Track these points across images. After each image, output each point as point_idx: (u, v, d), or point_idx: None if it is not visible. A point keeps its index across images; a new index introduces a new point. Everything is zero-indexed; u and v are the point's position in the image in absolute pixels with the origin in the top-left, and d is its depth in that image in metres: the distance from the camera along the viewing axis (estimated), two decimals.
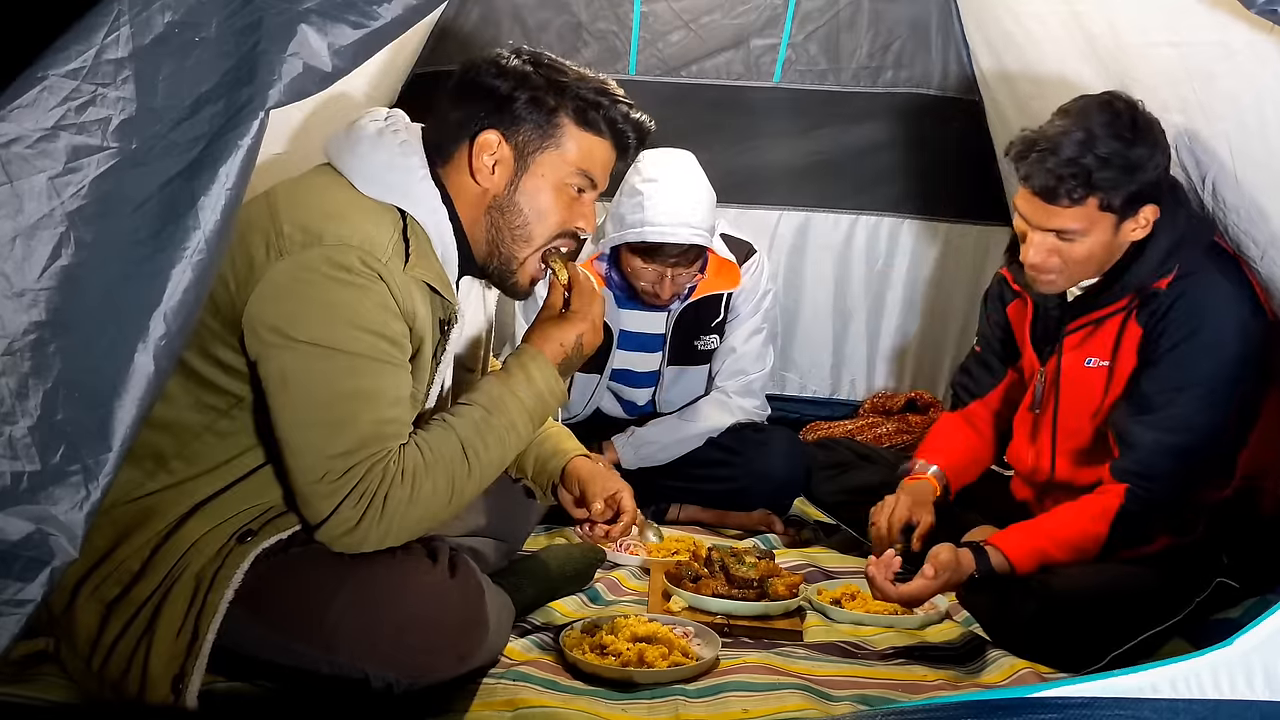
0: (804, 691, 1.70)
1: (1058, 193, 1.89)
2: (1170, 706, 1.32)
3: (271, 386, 1.51)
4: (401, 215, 1.60)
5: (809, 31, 3.18)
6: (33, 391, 1.17)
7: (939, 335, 3.38)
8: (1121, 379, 2.04)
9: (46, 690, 1.57)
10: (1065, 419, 2.15)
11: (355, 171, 1.61)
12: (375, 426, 1.51)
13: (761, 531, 2.66)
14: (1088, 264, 1.99)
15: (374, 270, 1.51)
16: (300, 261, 1.49)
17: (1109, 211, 1.92)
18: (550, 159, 1.66)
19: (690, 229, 2.53)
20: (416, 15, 1.32)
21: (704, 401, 2.81)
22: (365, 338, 1.51)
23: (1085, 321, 2.08)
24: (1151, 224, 1.96)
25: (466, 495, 1.61)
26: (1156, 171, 1.91)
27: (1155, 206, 1.94)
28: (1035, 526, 2.03)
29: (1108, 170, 1.87)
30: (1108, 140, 1.88)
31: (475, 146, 1.64)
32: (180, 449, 1.56)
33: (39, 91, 1.18)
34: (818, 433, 3.15)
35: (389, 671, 1.54)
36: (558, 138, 1.65)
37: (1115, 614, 1.88)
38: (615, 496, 1.90)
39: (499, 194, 1.66)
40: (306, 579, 1.55)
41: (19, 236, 1.17)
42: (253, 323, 1.49)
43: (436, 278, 1.61)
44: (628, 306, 2.74)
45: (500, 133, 1.64)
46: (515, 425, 1.64)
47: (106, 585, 1.52)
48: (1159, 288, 1.98)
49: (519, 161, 1.65)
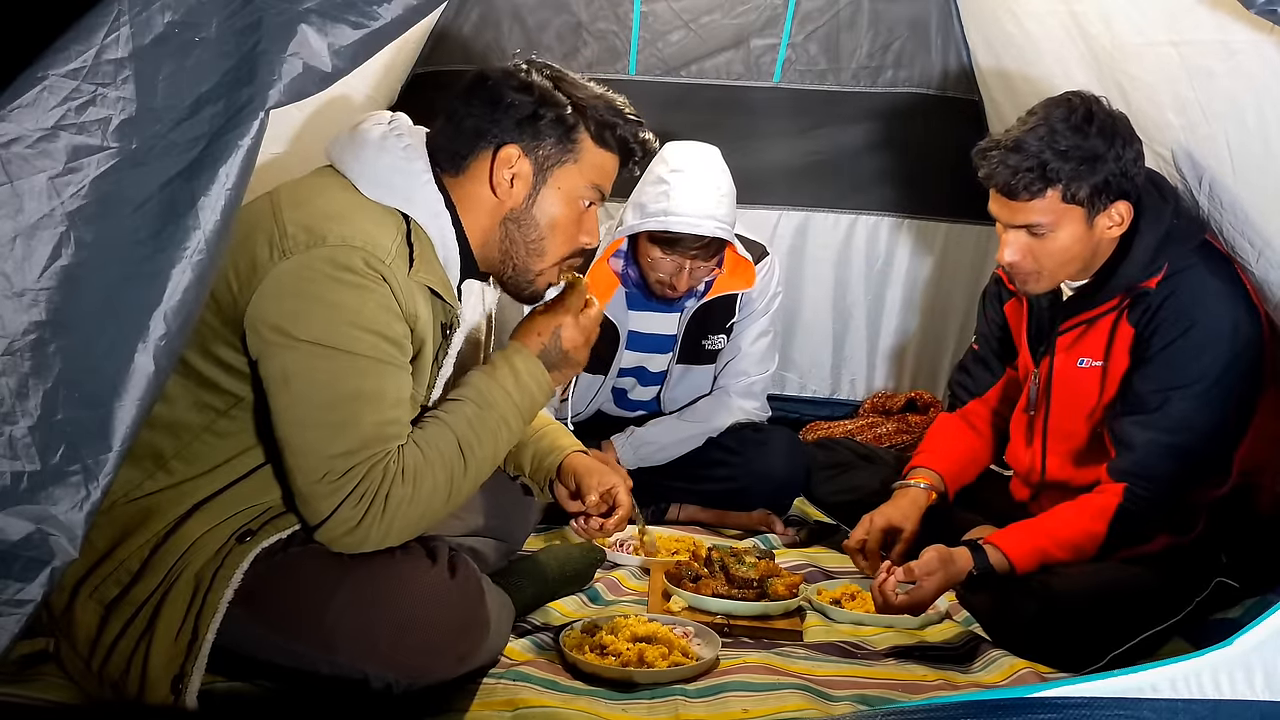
0: (804, 691, 1.70)
1: (1017, 187, 1.94)
2: (1170, 706, 1.32)
3: (273, 386, 1.51)
4: (405, 219, 1.61)
5: (809, 31, 3.18)
6: (33, 391, 1.17)
7: (939, 335, 3.38)
8: (1115, 379, 2.05)
9: (46, 690, 1.57)
10: (1058, 419, 2.16)
11: (359, 175, 1.62)
12: (377, 427, 1.52)
13: (761, 531, 2.66)
14: (1066, 261, 2.00)
15: (377, 271, 1.52)
16: (304, 261, 1.49)
17: (1075, 204, 1.94)
18: (568, 174, 1.69)
19: (715, 221, 2.53)
20: (416, 15, 1.32)
21: (704, 401, 2.81)
22: (367, 338, 1.51)
23: (1077, 321, 2.09)
24: (1127, 220, 1.98)
25: (464, 492, 1.61)
26: (1120, 164, 1.93)
27: (1128, 203, 1.96)
28: (1034, 525, 2.03)
29: (1065, 162, 1.91)
30: (1064, 134, 1.92)
31: (497, 161, 1.66)
32: (180, 449, 1.56)
33: (39, 91, 1.18)
34: (818, 433, 3.15)
35: (388, 671, 1.54)
36: (576, 154, 1.69)
37: (1115, 614, 1.88)
38: (611, 490, 1.90)
39: (516, 207, 1.69)
40: (306, 579, 1.55)
41: (19, 236, 1.17)
42: (255, 322, 1.50)
43: (439, 282, 1.62)
44: (641, 308, 2.73)
45: (521, 148, 1.66)
46: (506, 419, 1.65)
47: (106, 585, 1.52)
48: (1148, 287, 1.98)
49: (538, 176, 1.68)
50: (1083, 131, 1.92)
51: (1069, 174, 1.91)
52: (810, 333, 3.41)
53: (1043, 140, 1.92)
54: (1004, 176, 1.94)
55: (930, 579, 1.94)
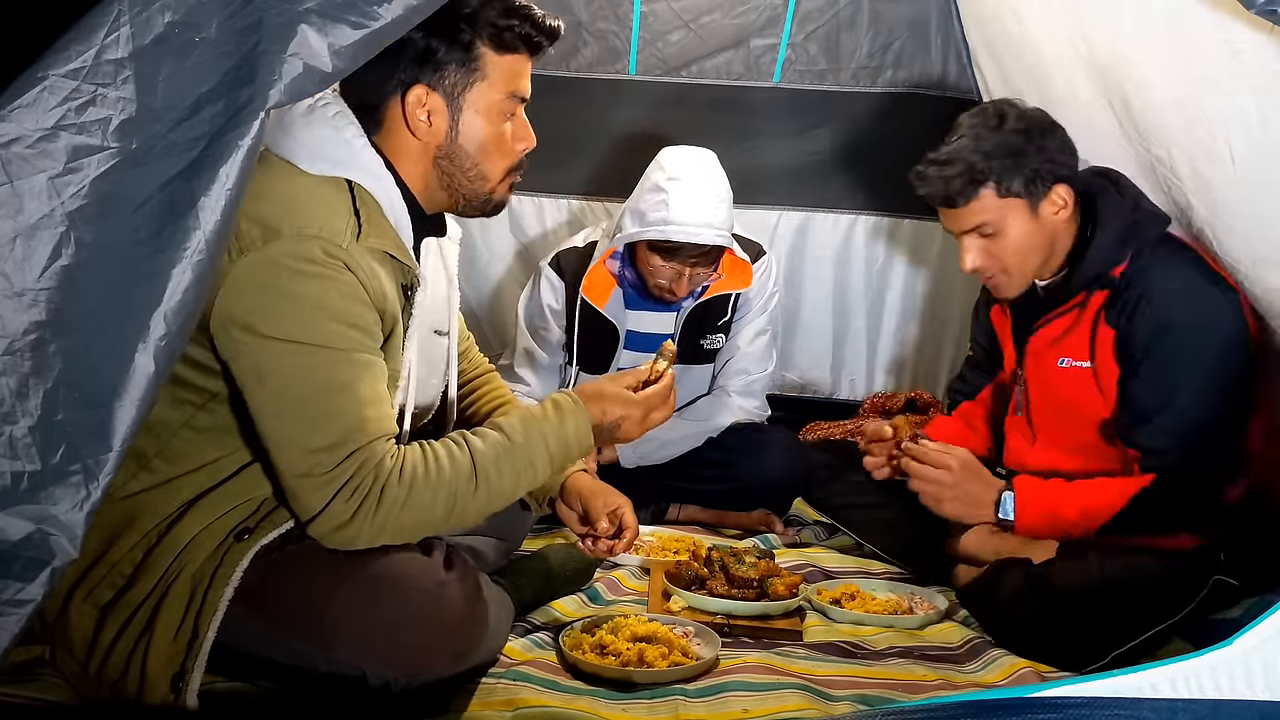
0: (804, 691, 1.70)
1: (954, 195, 2.07)
2: (1170, 706, 1.32)
3: (248, 385, 1.50)
4: (350, 187, 1.59)
5: (809, 31, 3.18)
6: (33, 391, 1.17)
7: (939, 335, 3.38)
8: (1109, 383, 2.06)
9: (46, 690, 1.57)
10: (1046, 418, 2.19)
11: (294, 152, 1.59)
12: (356, 418, 1.51)
13: (761, 531, 2.66)
14: (1024, 253, 2.09)
15: (338, 259, 1.51)
16: (263, 258, 1.48)
17: (1012, 196, 2.05)
18: (480, 93, 1.66)
19: (714, 230, 2.53)
20: (416, 15, 1.32)
21: (704, 401, 2.81)
22: (335, 328, 1.50)
23: (1050, 317, 2.13)
24: (1070, 202, 2.07)
25: (469, 515, 1.60)
26: (1045, 153, 2.04)
27: (1066, 185, 2.06)
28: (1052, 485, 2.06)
29: (990, 160, 2.04)
30: (984, 136, 2.06)
31: (407, 105, 1.64)
32: (160, 448, 1.55)
33: (39, 91, 1.18)
34: (818, 433, 3.15)
35: (386, 670, 1.54)
36: (482, 69, 1.65)
37: (1116, 613, 1.88)
38: (617, 512, 1.91)
39: (441, 143, 1.67)
40: (305, 577, 1.55)
41: (19, 236, 1.17)
42: (223, 323, 1.49)
43: (392, 244, 1.60)
44: (638, 307, 2.74)
45: (426, 84, 1.63)
46: (534, 464, 1.64)
47: (100, 589, 1.52)
48: (1114, 275, 2.03)
49: (451, 105, 1.65)
50: (999, 130, 2.05)
51: (997, 170, 2.03)
52: (810, 333, 3.41)
53: (966, 147, 2.05)
54: (939, 188, 2.08)
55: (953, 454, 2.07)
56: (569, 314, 2.73)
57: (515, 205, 3.34)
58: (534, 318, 2.78)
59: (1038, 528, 2.04)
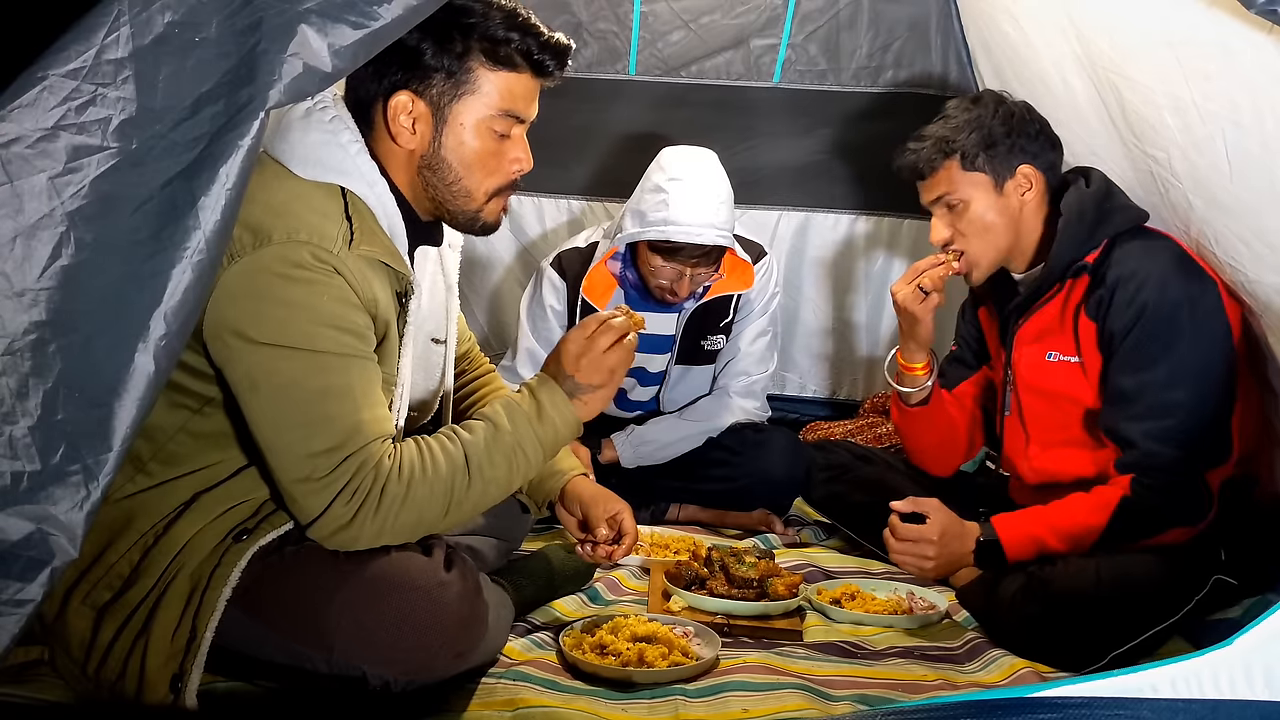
0: (804, 691, 1.70)
1: (921, 165, 2.18)
2: (1170, 706, 1.31)
3: (241, 391, 1.50)
4: (343, 193, 1.57)
5: (809, 31, 3.18)
6: (33, 391, 1.17)
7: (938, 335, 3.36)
8: (1095, 374, 2.08)
9: (46, 690, 1.57)
10: (1037, 413, 2.20)
11: (289, 155, 1.58)
12: (353, 421, 1.50)
13: (761, 531, 2.66)
14: (987, 231, 2.16)
15: (327, 264, 1.49)
16: (253, 263, 1.47)
17: (976, 170, 2.14)
18: (468, 107, 1.61)
19: (715, 230, 2.54)
20: (416, 15, 1.32)
21: (704, 401, 2.82)
22: (327, 333, 1.49)
23: (1032, 309, 2.15)
24: (1036, 185, 2.14)
25: (465, 509, 1.60)
26: (1012, 133, 2.13)
27: (1033, 166, 2.14)
28: (1035, 514, 2.06)
29: (958, 133, 2.14)
30: (954, 114, 2.18)
31: (389, 110, 1.61)
32: (156, 451, 1.55)
33: (39, 91, 1.18)
34: (817, 433, 3.15)
35: (386, 670, 1.54)
36: (472, 83, 1.60)
37: (1115, 613, 1.88)
38: (616, 517, 1.91)
39: (425, 152, 1.63)
40: (304, 577, 1.55)
41: (19, 236, 1.17)
42: (215, 329, 1.48)
43: (385, 252, 1.58)
44: (639, 307, 2.73)
45: (412, 90, 1.60)
46: (522, 445, 1.62)
47: (98, 591, 1.52)
48: (1088, 262, 2.06)
49: (436, 115, 1.61)
50: (970, 110, 2.17)
51: (964, 143, 2.14)
52: (810, 333, 3.41)
53: (938, 124, 2.19)
54: (910, 161, 2.19)
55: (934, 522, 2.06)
56: (570, 314, 2.73)
57: (515, 205, 3.34)
58: (536, 318, 2.78)
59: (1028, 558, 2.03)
